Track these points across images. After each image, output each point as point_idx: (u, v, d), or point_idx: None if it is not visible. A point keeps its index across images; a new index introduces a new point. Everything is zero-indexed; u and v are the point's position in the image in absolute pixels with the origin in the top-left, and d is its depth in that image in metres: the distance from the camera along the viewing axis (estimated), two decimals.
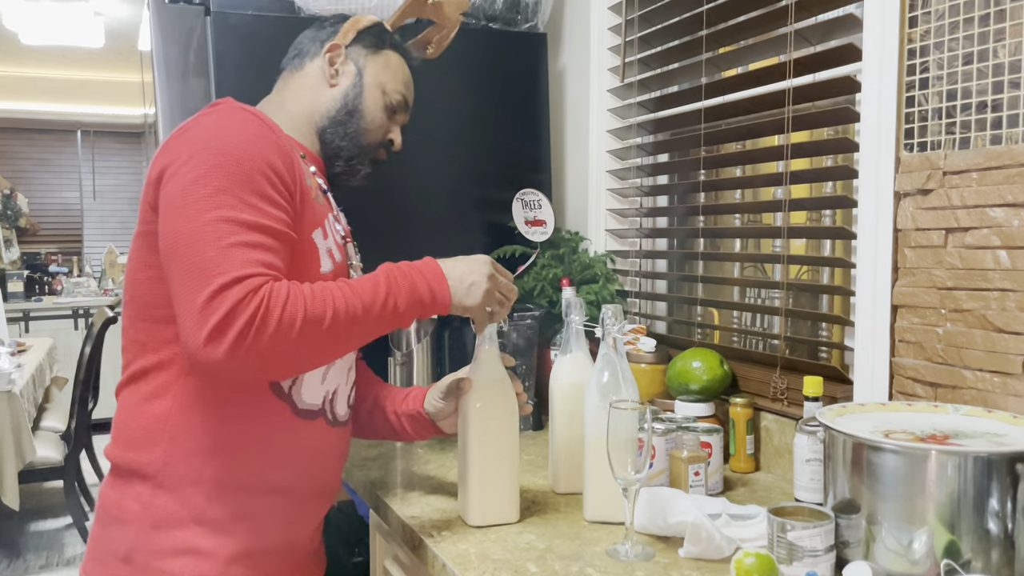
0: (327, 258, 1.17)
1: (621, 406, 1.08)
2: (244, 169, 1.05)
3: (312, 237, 1.14)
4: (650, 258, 1.93)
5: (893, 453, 0.95)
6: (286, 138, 1.16)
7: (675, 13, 1.76)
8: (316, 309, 1.03)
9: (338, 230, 1.24)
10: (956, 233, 1.17)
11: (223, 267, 0.99)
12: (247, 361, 0.99)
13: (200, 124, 1.09)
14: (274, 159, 1.08)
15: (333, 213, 1.25)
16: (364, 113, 1.30)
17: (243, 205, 1.03)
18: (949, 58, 1.17)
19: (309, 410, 1.18)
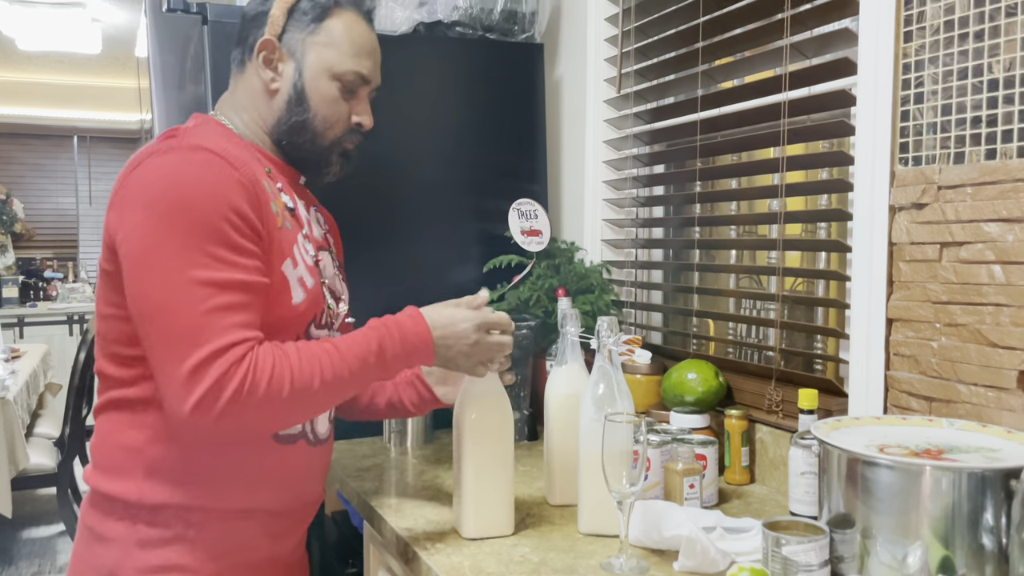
0: (298, 288, 1.12)
1: (616, 419, 1.08)
2: (208, 220, 1.00)
3: (281, 270, 1.10)
4: (646, 268, 1.93)
5: (888, 468, 0.95)
6: (247, 157, 1.10)
7: (671, 25, 1.76)
8: (303, 377, 1.02)
9: (308, 251, 1.17)
10: (951, 247, 1.17)
11: (201, 337, 0.97)
12: (234, 428, 1.00)
13: (157, 167, 1.03)
14: (237, 202, 1.03)
15: (303, 231, 1.19)
16: (315, 112, 1.18)
17: (212, 261, 1.00)
18: (944, 73, 1.18)
19: (289, 435, 1.16)
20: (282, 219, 1.12)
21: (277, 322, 1.10)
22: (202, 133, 1.10)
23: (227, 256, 1.01)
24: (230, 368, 0.98)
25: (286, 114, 1.18)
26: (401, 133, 1.91)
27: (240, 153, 1.09)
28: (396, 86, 1.90)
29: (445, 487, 1.45)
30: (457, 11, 1.92)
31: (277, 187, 1.16)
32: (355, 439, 1.80)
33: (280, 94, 1.18)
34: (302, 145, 1.20)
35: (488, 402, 1.21)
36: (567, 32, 2.11)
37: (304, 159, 1.22)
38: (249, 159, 1.10)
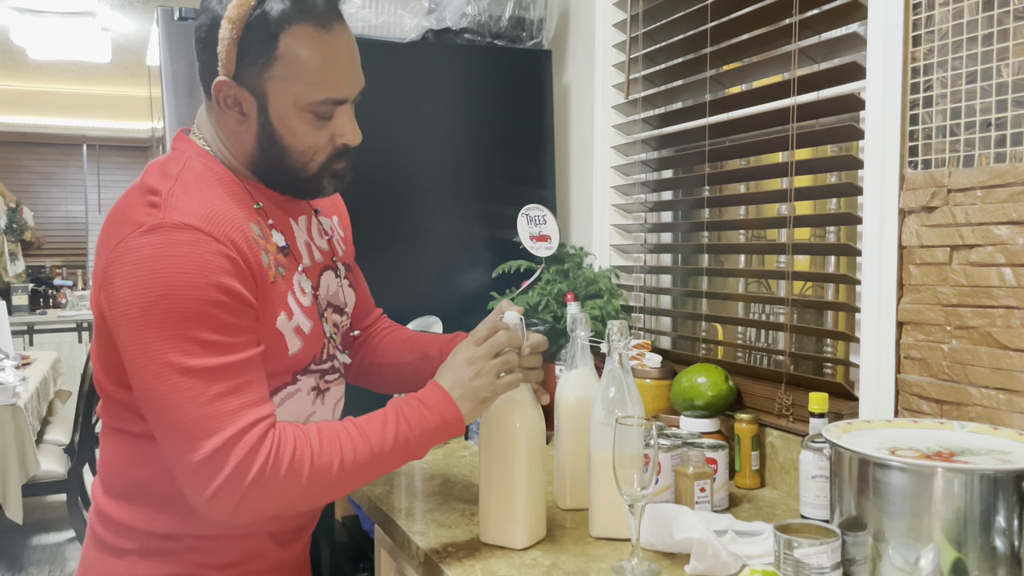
0: (295, 338, 1.10)
1: (627, 422, 1.09)
2: (196, 308, 0.97)
3: (276, 327, 1.07)
4: (654, 273, 1.94)
5: (899, 470, 0.95)
6: (232, 214, 1.04)
7: (679, 31, 1.77)
8: (323, 460, 1.02)
9: (305, 290, 1.13)
10: (961, 250, 1.17)
11: (212, 427, 0.97)
12: (254, 513, 0.99)
13: (140, 249, 0.97)
14: (225, 281, 0.99)
15: (301, 266, 1.14)
16: (291, 150, 1.08)
17: (206, 349, 0.97)
18: (953, 76, 1.18)
19: None
20: (274, 271, 1.08)
21: (274, 370, 1.09)
22: (184, 191, 1.03)
23: (220, 340, 0.99)
24: (248, 454, 0.97)
25: (260, 154, 1.09)
26: (410, 140, 1.92)
27: (224, 211, 1.03)
28: (405, 93, 1.91)
29: (455, 491, 1.45)
30: (466, 18, 1.93)
31: (268, 224, 1.11)
32: None
33: (249, 134, 1.08)
34: (285, 181, 1.12)
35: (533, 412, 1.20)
36: (575, 38, 2.12)
37: (292, 189, 1.14)
38: (233, 212, 1.05)
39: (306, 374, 1.15)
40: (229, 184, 1.09)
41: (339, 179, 1.14)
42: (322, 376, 1.18)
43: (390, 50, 1.88)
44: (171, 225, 0.99)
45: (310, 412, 1.18)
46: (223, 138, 1.11)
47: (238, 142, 1.10)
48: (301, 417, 1.15)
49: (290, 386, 1.13)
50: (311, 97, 1.05)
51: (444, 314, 1.87)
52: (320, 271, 1.19)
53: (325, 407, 1.21)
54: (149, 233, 0.98)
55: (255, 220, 1.09)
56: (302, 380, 1.14)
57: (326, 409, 1.22)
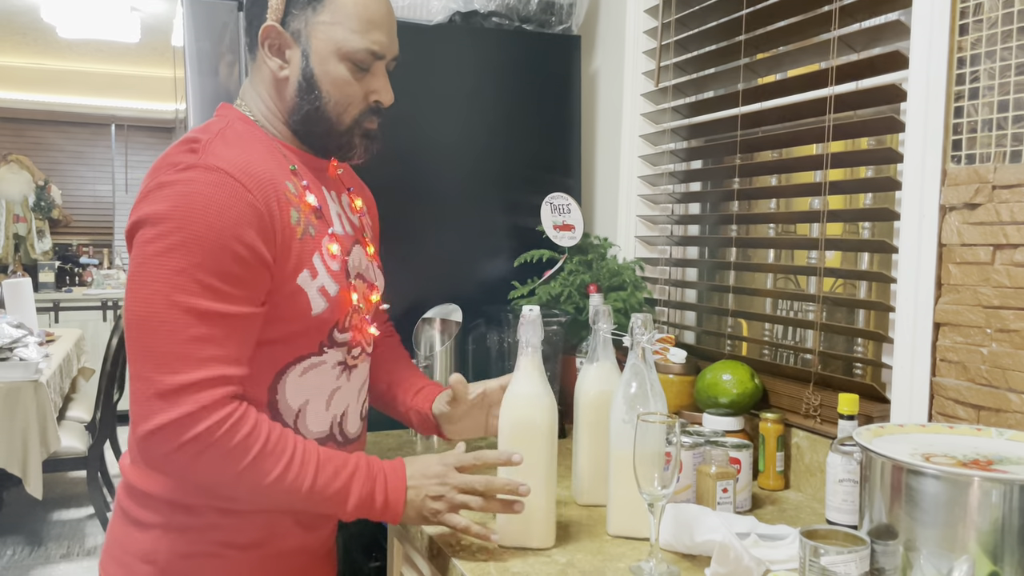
0: (319, 298, 1.11)
1: (649, 419, 1.05)
2: (208, 248, 1.00)
3: (297, 283, 1.08)
4: (680, 266, 1.89)
5: (934, 478, 0.91)
6: (267, 168, 1.07)
7: (713, 17, 1.72)
8: (266, 461, 1.02)
9: (333, 254, 1.14)
10: (1005, 250, 1.12)
11: (177, 366, 0.98)
12: (181, 469, 1.00)
13: (173, 184, 1.02)
14: (245, 231, 1.02)
15: (331, 230, 1.16)
16: (327, 97, 1.12)
17: (201, 290, 0.99)
18: (1001, 68, 1.13)
19: (317, 438, 1.15)
20: (303, 227, 1.10)
21: (298, 332, 1.10)
22: (223, 142, 1.07)
23: (219, 286, 1.00)
24: (202, 409, 0.98)
25: (298, 102, 1.13)
26: (434, 124, 1.89)
27: (261, 164, 1.07)
28: (430, 76, 1.88)
29: None
30: (494, 1, 1.90)
31: (303, 185, 1.13)
32: (381, 431, 1.78)
33: (290, 82, 1.13)
34: (320, 133, 1.15)
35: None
36: (605, 24, 2.08)
37: (325, 146, 1.17)
38: (270, 168, 1.08)
39: (333, 347, 1.15)
40: (268, 145, 1.13)
41: (370, 140, 1.18)
42: (349, 351, 1.18)
43: (416, 32, 1.85)
44: (204, 166, 1.03)
45: (335, 387, 1.17)
46: (264, 97, 1.15)
47: (278, 95, 1.14)
48: (326, 390, 1.15)
49: (315, 356, 1.13)
50: (352, 45, 1.10)
51: (464, 301, 1.84)
52: (352, 242, 1.20)
53: (351, 385, 1.20)
54: (183, 171, 1.03)
55: (290, 179, 1.11)
56: (329, 353, 1.15)
57: (351, 388, 1.20)
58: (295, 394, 1.13)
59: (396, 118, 1.85)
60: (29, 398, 3.22)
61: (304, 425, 1.14)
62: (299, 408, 1.13)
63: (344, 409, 1.20)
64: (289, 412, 1.13)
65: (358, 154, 1.18)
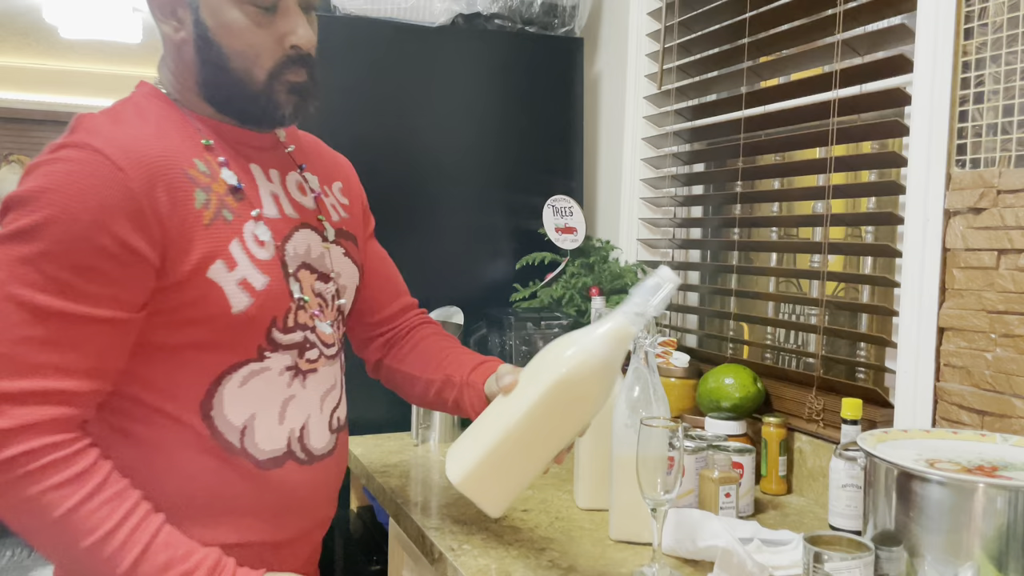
0: (240, 293, 0.95)
1: (652, 423, 1.04)
2: (62, 236, 0.85)
3: (208, 277, 0.93)
4: (682, 270, 1.89)
5: (939, 484, 0.91)
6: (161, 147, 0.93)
7: (716, 20, 1.72)
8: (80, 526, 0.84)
9: (261, 239, 0.99)
10: (1009, 255, 1.12)
11: (6, 369, 0.84)
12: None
13: (40, 167, 0.89)
14: (112, 220, 0.87)
15: (261, 212, 1.00)
16: (229, 52, 0.97)
17: (45, 283, 0.85)
18: (1007, 72, 1.12)
19: (272, 457, 1.01)
20: (215, 211, 0.95)
21: (223, 335, 0.96)
22: (111, 120, 0.94)
23: (70, 281, 0.86)
24: (28, 427, 0.83)
25: (200, 65, 0.98)
26: (436, 125, 1.89)
27: (155, 142, 0.93)
28: (432, 78, 1.87)
29: None
30: (496, 3, 1.89)
31: (220, 161, 0.99)
32: (382, 434, 1.78)
33: (187, 43, 0.98)
34: (233, 96, 0.99)
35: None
36: (608, 26, 2.07)
37: (244, 111, 1.01)
38: (169, 146, 0.95)
39: (276, 350, 1.00)
40: (176, 119, 0.99)
41: (301, 96, 1.01)
42: (300, 354, 1.03)
43: (418, 34, 1.85)
44: (75, 144, 0.89)
45: (286, 396, 1.02)
46: (172, 68, 1.01)
47: (183, 63, 0.99)
48: (276, 401, 1.01)
49: (255, 362, 0.99)
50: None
51: (466, 304, 1.84)
52: (293, 227, 1.05)
53: (309, 393, 1.04)
54: (54, 152, 0.89)
55: (201, 157, 0.98)
56: (272, 357, 1.00)
57: (310, 396, 1.05)
58: (237, 408, 0.98)
59: (398, 119, 1.85)
60: None
61: (253, 444, 0.99)
62: (244, 424, 0.99)
63: (304, 421, 1.04)
64: (232, 430, 0.98)
65: (288, 114, 1.01)
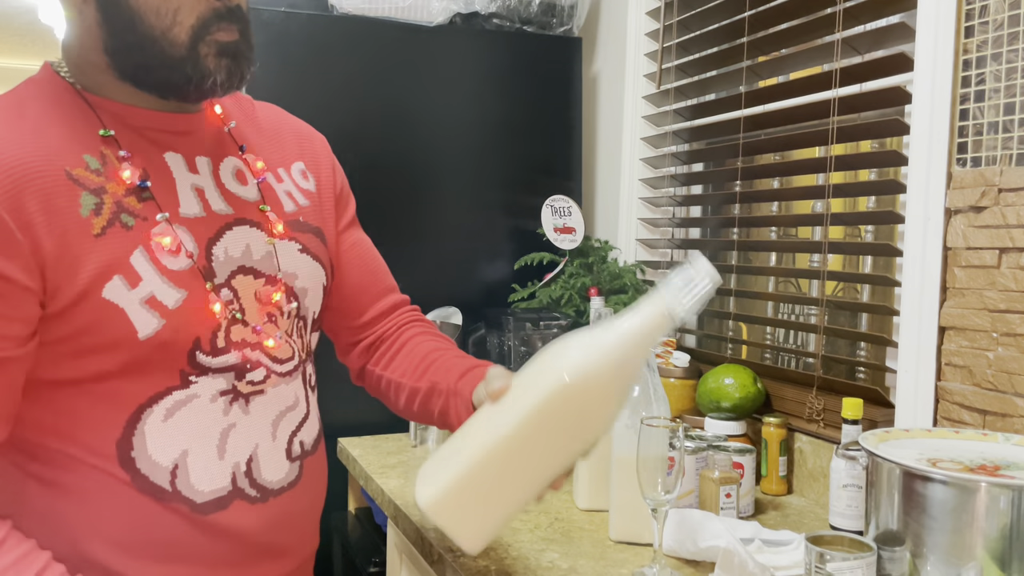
0: (146, 313, 0.81)
1: (653, 423, 1.04)
2: None
3: (105, 297, 0.79)
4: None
5: (942, 484, 0.90)
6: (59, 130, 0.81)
7: (715, 19, 1.71)
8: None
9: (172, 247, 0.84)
10: (1011, 253, 1.11)
11: None
12: None
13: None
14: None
15: (179, 213, 0.86)
16: (140, 10, 0.80)
17: None
18: (1007, 70, 1.12)
19: (216, 498, 0.87)
20: (108, 217, 0.81)
21: (132, 363, 0.81)
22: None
23: None
24: None
25: (110, 34, 0.82)
26: (434, 125, 1.88)
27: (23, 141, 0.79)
28: (430, 78, 1.87)
29: None
30: (495, 2, 1.89)
31: (120, 156, 0.84)
32: (380, 435, 1.77)
33: (90, 8, 0.82)
34: (152, 65, 0.82)
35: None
36: (606, 26, 2.07)
37: (167, 81, 0.84)
38: (45, 144, 0.80)
39: (204, 374, 0.86)
40: (68, 107, 0.84)
41: (233, 58, 0.84)
42: (238, 376, 0.88)
43: (416, 33, 1.84)
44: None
45: (225, 426, 0.87)
46: (75, 44, 0.85)
47: (88, 34, 0.83)
48: (212, 434, 0.86)
49: (179, 391, 0.85)
50: None
51: (464, 305, 1.83)
52: (223, 225, 0.89)
53: (253, 419, 0.89)
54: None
55: (95, 152, 0.82)
56: (200, 383, 0.86)
57: (255, 423, 0.90)
58: (163, 446, 0.84)
59: (396, 119, 1.84)
60: None
61: (188, 486, 0.85)
62: (174, 464, 0.85)
63: (250, 452, 0.89)
64: (159, 472, 0.84)
65: (219, 81, 0.84)
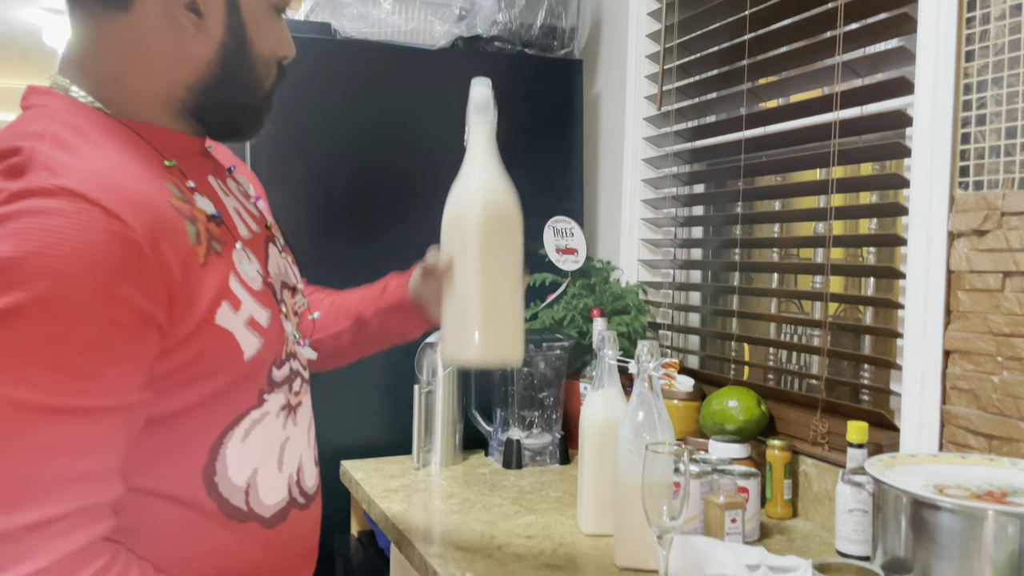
0: (250, 335, 0.83)
1: (658, 449, 1.03)
2: (66, 312, 0.67)
3: (217, 323, 0.79)
4: (684, 290, 1.88)
5: (949, 511, 0.90)
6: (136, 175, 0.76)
7: (715, 42, 1.72)
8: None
9: (251, 267, 0.87)
10: (1015, 277, 1.11)
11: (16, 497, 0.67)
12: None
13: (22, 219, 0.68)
14: (118, 282, 0.70)
15: (240, 238, 0.88)
16: (258, 55, 0.86)
17: (55, 377, 0.68)
18: (1008, 94, 1.13)
19: (278, 511, 0.90)
20: (206, 246, 0.81)
21: (225, 388, 0.82)
22: (58, 146, 0.74)
23: (84, 369, 0.69)
24: (67, 559, 0.68)
25: (219, 69, 0.84)
26: (437, 147, 1.88)
27: (123, 173, 0.75)
28: (433, 100, 1.87)
29: (475, 511, 1.41)
30: (496, 26, 1.90)
31: (190, 187, 0.84)
32: (383, 457, 1.76)
33: (204, 45, 0.83)
34: (235, 104, 0.87)
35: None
36: (607, 48, 2.08)
37: (237, 123, 0.90)
38: (138, 172, 0.77)
39: (273, 390, 0.89)
40: (123, 137, 0.80)
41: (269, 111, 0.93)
42: (290, 388, 0.92)
43: (418, 56, 1.85)
44: (40, 191, 0.69)
45: (283, 439, 0.92)
46: (136, 70, 0.82)
47: (173, 66, 0.82)
48: (274, 447, 0.90)
49: (255, 410, 0.87)
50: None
51: None
52: (263, 244, 0.93)
53: (299, 429, 0.95)
54: (11, 203, 0.69)
55: (171, 179, 0.81)
56: (270, 400, 0.89)
57: (299, 432, 0.95)
58: (240, 467, 0.86)
59: (399, 141, 1.85)
60: None
61: (259, 501, 0.88)
62: (247, 483, 0.86)
63: (299, 462, 0.94)
64: (236, 493, 0.85)
65: (263, 127, 0.92)
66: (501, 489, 1.55)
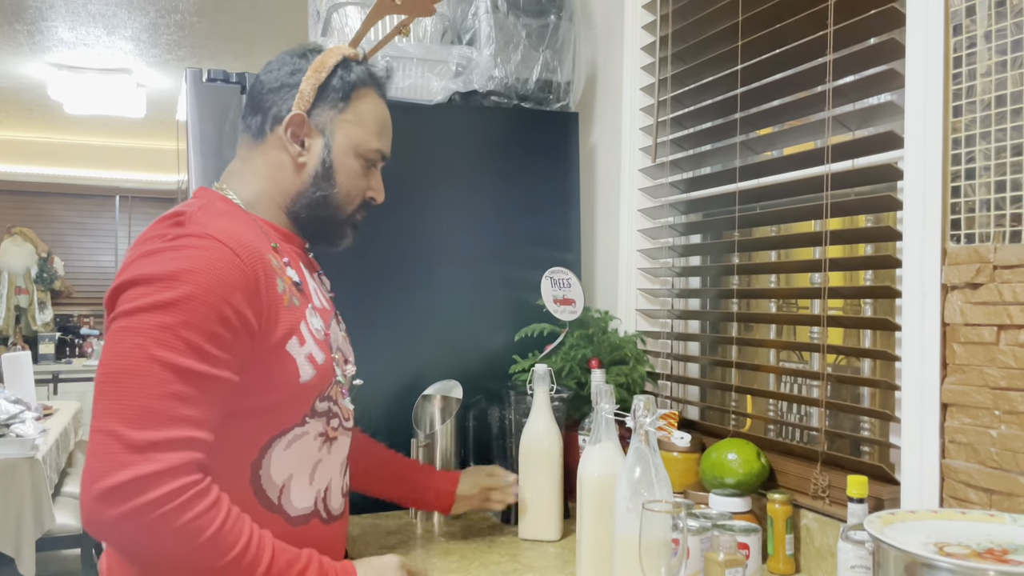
0: (307, 365, 1.13)
1: (655, 507, 1.03)
2: (196, 307, 1.00)
3: (286, 350, 1.10)
4: (682, 340, 1.88)
5: (949, 572, 0.88)
6: (252, 239, 1.10)
7: (708, 96, 1.75)
8: (226, 538, 0.98)
9: (317, 326, 1.18)
10: (1009, 330, 1.11)
11: (149, 421, 0.96)
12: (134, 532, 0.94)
13: (164, 252, 1.04)
14: (232, 293, 1.03)
15: (311, 305, 1.19)
16: (340, 187, 1.23)
17: (185, 348, 0.99)
18: (996, 149, 1.14)
19: (302, 515, 1.16)
20: (289, 297, 1.13)
21: (283, 401, 1.11)
22: (208, 214, 1.10)
23: (203, 346, 1.00)
24: (172, 469, 0.95)
25: (311, 188, 1.22)
26: (434, 200, 1.90)
27: (245, 235, 1.09)
28: (430, 154, 1.90)
29: (472, 568, 1.39)
30: (493, 81, 1.93)
31: (284, 262, 1.17)
32: (380, 513, 1.74)
33: (307, 168, 1.21)
34: (323, 218, 1.24)
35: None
36: (602, 101, 2.11)
37: (321, 231, 1.26)
38: (254, 239, 1.11)
39: (314, 416, 1.16)
40: (249, 222, 1.16)
41: (356, 230, 1.30)
42: (328, 421, 1.19)
43: (416, 111, 1.88)
44: (194, 234, 1.05)
45: (317, 459, 1.18)
46: (265, 179, 1.21)
47: (287, 178, 1.21)
48: (309, 463, 1.16)
49: (298, 427, 1.14)
50: (368, 145, 1.24)
51: (464, 378, 1.82)
52: (331, 316, 1.26)
53: (333, 458, 1.21)
54: (172, 240, 1.05)
55: (272, 254, 1.15)
56: (310, 423, 1.16)
57: (333, 461, 1.21)
58: (279, 468, 1.13)
59: (396, 196, 1.86)
60: (24, 476, 3.17)
61: (288, 501, 1.14)
62: (283, 483, 1.13)
63: (328, 483, 1.20)
64: (273, 488, 1.13)
65: (346, 243, 1.29)
66: (499, 545, 1.53)
